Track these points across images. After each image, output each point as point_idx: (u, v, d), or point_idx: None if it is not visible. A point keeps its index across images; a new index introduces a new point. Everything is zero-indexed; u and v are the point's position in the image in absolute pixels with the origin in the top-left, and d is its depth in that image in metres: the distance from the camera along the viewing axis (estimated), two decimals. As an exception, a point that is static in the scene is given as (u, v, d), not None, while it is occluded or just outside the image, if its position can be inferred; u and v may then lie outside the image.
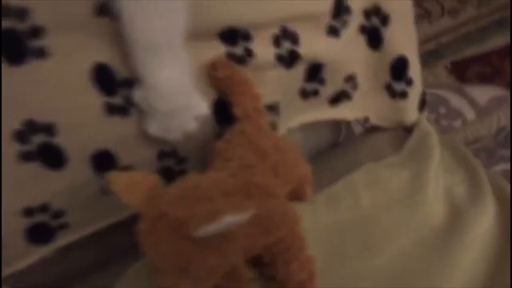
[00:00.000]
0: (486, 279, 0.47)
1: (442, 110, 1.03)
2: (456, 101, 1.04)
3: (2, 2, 0.33)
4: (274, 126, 0.53)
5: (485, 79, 1.51)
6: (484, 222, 0.50)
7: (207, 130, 0.48)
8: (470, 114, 1.01)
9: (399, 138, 0.60)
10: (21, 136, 0.39)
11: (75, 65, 0.39)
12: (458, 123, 1.00)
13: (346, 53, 0.54)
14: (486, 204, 0.52)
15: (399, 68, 0.57)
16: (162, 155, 0.48)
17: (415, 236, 0.49)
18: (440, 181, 0.54)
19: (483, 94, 1.04)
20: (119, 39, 0.39)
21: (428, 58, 1.59)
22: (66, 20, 0.36)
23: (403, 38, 0.56)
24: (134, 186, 0.35)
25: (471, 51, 1.62)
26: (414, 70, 0.59)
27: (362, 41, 0.55)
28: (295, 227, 0.42)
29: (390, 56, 0.56)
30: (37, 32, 0.36)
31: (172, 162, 0.49)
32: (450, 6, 1.72)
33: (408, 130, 0.62)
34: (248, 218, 0.32)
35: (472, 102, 1.03)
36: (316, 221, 0.49)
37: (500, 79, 1.43)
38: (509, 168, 0.90)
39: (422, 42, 1.63)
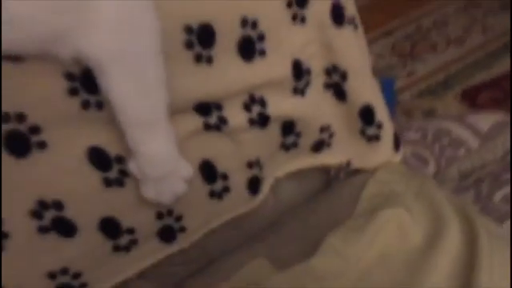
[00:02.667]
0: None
1: (445, 141, 1.06)
2: (458, 130, 1.07)
3: (2, 110, 0.43)
4: (258, 181, 0.61)
5: (496, 104, 1.53)
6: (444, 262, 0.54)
7: (195, 189, 0.55)
8: (473, 142, 1.04)
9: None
10: (36, 213, 0.48)
11: (72, 151, 0.48)
12: (462, 152, 1.04)
13: (315, 107, 0.61)
14: (445, 244, 0.56)
15: (367, 114, 0.64)
16: (160, 215, 0.56)
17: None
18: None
19: (485, 121, 1.07)
20: (108, 123, 0.48)
21: (438, 88, 1.64)
22: (58, 117, 0.46)
23: (364, 87, 0.63)
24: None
25: (481, 77, 1.65)
26: (381, 114, 0.65)
27: (328, 95, 0.62)
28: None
29: (356, 105, 0.63)
30: (35, 130, 0.45)
31: (171, 221, 0.57)
32: (455, 36, 1.77)
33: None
34: None
35: (474, 130, 1.06)
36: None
37: (513, 103, 1.44)
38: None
39: (431, 73, 1.68)
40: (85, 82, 0.45)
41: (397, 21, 1.80)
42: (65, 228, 0.50)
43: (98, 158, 0.49)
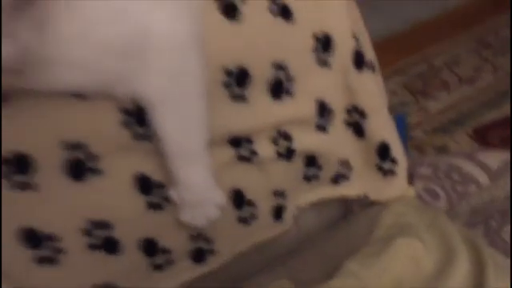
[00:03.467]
0: None
1: (456, 177, 1.11)
2: (469, 167, 1.12)
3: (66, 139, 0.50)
4: (282, 209, 0.66)
5: (506, 143, 1.57)
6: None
7: (226, 215, 0.61)
8: (483, 179, 1.09)
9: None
10: (88, 232, 0.54)
11: (122, 177, 0.54)
12: (472, 188, 1.08)
13: (336, 143, 0.67)
14: (454, 272, 0.60)
15: (383, 151, 0.69)
16: (193, 238, 0.61)
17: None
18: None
19: (495, 158, 1.12)
20: (154, 153, 0.54)
21: (449, 126, 1.69)
22: (112, 146, 0.52)
23: (381, 126, 0.69)
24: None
25: (491, 116, 1.70)
26: (397, 150, 0.70)
27: (348, 132, 0.68)
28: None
29: (373, 142, 0.69)
30: (92, 157, 0.52)
31: (203, 243, 0.62)
32: (466, 76, 1.83)
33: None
34: None
35: (484, 167, 1.11)
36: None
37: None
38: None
39: (443, 111, 1.74)
40: (137, 117, 0.52)
41: (409, 59, 1.87)
42: (111, 246, 0.56)
43: (143, 184, 0.55)
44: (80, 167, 0.51)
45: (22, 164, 0.49)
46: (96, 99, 0.50)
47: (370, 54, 0.68)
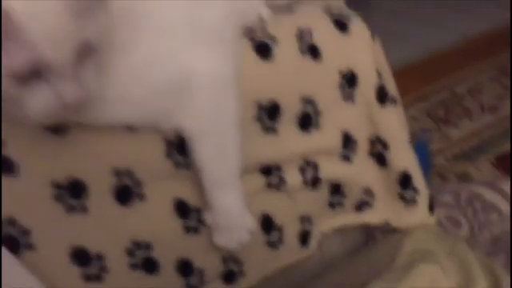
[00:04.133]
0: None
1: (478, 205, 1.13)
2: (490, 195, 1.14)
3: (116, 167, 0.55)
4: (308, 234, 0.70)
5: (529, 171, 1.57)
6: None
7: (256, 240, 0.65)
8: (505, 207, 1.11)
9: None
10: (130, 252, 0.59)
11: (163, 201, 0.59)
12: (494, 217, 1.10)
13: (360, 172, 0.71)
14: None
15: (405, 180, 0.73)
16: (225, 260, 0.65)
17: None
18: None
19: (515, 187, 1.14)
20: (192, 180, 0.59)
21: (472, 153, 1.71)
22: (155, 174, 0.57)
23: (403, 156, 0.72)
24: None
25: (514, 144, 1.70)
26: (418, 180, 0.74)
27: (371, 162, 0.72)
28: None
29: (395, 172, 0.72)
30: (139, 183, 0.57)
31: (233, 265, 0.67)
32: (488, 103, 1.85)
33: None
34: None
35: (505, 196, 1.13)
36: None
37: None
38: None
39: (465, 138, 1.76)
40: (179, 147, 0.57)
41: (431, 86, 1.90)
42: (150, 266, 0.60)
43: (182, 208, 0.60)
44: (127, 192, 0.56)
45: (76, 189, 0.54)
46: (144, 131, 0.55)
47: (392, 89, 0.72)
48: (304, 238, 0.70)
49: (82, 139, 0.53)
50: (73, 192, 0.54)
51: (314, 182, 0.68)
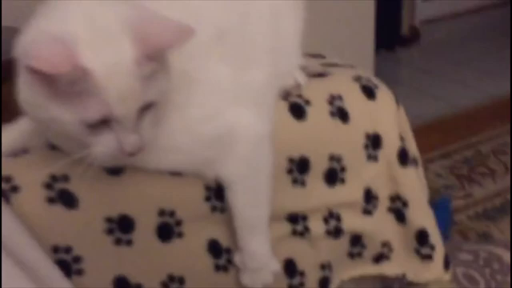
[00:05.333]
0: None
1: (496, 266, 1.15)
2: (509, 258, 1.16)
3: (159, 207, 0.62)
4: (327, 281, 0.75)
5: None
6: None
7: (278, 282, 0.70)
8: (523, 270, 1.13)
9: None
10: (166, 285, 0.65)
11: (198, 240, 0.65)
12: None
13: (379, 226, 0.77)
14: None
15: (422, 237, 0.78)
16: None
17: None
18: None
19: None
20: (225, 223, 0.65)
21: (493, 213, 1.72)
22: (195, 215, 0.64)
23: (421, 214, 0.77)
24: None
25: (537, 205, 1.70)
26: (435, 237, 0.79)
27: (391, 218, 0.78)
28: None
29: (413, 228, 0.77)
30: (179, 223, 0.64)
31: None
32: (513, 165, 1.86)
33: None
34: None
35: (524, 259, 1.15)
36: None
37: None
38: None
39: (488, 198, 1.77)
40: (217, 193, 0.64)
41: (456, 144, 1.94)
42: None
43: (214, 248, 0.67)
44: (168, 230, 0.63)
45: (125, 224, 0.61)
46: (188, 177, 0.62)
47: (413, 150, 0.78)
48: (324, 284, 0.75)
49: (134, 181, 0.61)
50: (122, 227, 0.61)
51: (337, 233, 0.73)
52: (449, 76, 2.34)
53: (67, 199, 0.59)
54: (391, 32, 2.47)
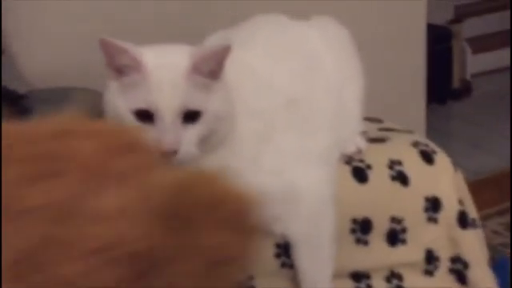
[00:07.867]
0: None
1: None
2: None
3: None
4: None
5: None
6: None
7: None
8: None
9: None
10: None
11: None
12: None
13: (441, 286, 0.79)
14: None
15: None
16: None
17: None
18: None
19: None
20: (292, 279, 0.70)
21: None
22: (266, 271, 0.69)
23: (482, 276, 0.79)
24: None
25: None
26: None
27: (451, 279, 0.79)
28: None
29: (475, 291, 0.79)
30: (251, 277, 0.69)
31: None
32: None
33: None
34: None
35: None
36: None
37: None
38: None
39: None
40: (286, 250, 0.69)
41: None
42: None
43: None
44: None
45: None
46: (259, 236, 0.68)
47: (472, 213, 0.81)
48: None
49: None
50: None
51: (399, 293, 0.76)
52: (501, 129, 2.32)
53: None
54: (443, 86, 2.49)
